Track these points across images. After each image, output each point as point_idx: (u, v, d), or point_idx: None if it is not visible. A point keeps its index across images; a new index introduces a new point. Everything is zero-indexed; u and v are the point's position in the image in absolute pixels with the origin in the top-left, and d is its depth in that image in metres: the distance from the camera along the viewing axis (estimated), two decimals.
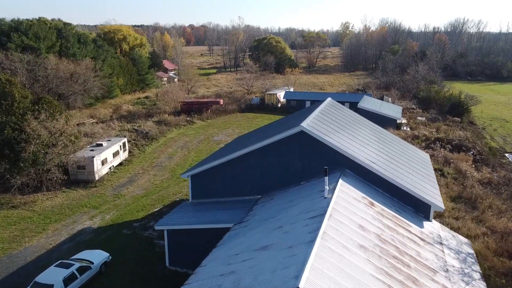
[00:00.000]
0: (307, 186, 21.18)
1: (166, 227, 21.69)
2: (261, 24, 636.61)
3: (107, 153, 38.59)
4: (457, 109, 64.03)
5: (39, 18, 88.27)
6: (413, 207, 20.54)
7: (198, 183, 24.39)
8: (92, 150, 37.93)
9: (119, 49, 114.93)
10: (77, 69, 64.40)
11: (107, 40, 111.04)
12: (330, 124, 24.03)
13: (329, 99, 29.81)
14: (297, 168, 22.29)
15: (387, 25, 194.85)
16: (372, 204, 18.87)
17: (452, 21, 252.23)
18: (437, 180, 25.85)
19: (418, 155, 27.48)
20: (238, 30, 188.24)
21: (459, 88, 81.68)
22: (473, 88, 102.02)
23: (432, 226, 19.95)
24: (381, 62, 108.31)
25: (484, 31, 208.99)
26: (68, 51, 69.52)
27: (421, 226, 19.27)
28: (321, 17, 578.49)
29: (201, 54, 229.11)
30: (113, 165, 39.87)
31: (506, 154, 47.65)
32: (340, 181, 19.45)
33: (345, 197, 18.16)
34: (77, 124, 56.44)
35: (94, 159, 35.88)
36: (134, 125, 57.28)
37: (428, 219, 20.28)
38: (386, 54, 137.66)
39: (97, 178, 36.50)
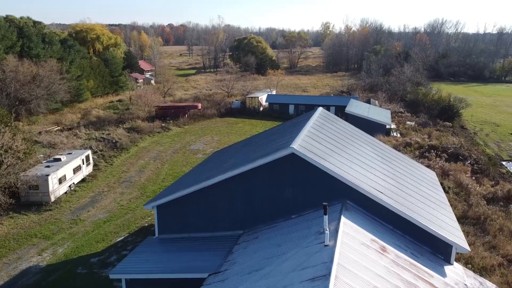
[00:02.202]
0: (300, 222, 17.07)
1: (124, 275, 17.23)
2: (241, 23, 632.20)
3: (66, 169, 33.64)
4: (447, 113, 61.28)
5: (7, 16, 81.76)
6: (430, 247, 16.70)
7: (166, 215, 19.99)
8: (48, 167, 32.91)
9: (92, 49, 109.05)
10: (40, 71, 58.80)
11: (79, 39, 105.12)
12: (325, 142, 19.99)
13: (320, 109, 25.82)
14: (287, 198, 18.18)
15: (368, 25, 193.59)
16: (384, 249, 14.88)
17: (431, 22, 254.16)
18: None
19: (425, 175, 23.75)
20: (218, 29, 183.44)
21: (443, 89, 79.13)
22: (457, 89, 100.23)
23: (456, 272, 16.13)
24: (366, 62, 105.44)
25: (462, 31, 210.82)
26: (31, 52, 63.65)
27: (444, 275, 15.40)
28: (302, 17, 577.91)
29: (180, 54, 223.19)
30: (73, 183, 34.91)
31: (504, 162, 44.81)
32: (343, 219, 15.41)
33: (351, 243, 14.11)
34: (39, 133, 51.24)
35: (49, 177, 30.90)
36: (103, 133, 52.18)
37: (449, 262, 16.46)
38: (369, 55, 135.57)
39: (52, 199, 31.53)
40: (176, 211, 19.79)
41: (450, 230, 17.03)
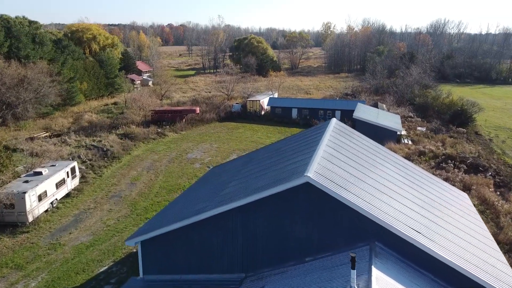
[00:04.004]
0: (317, 270, 13.65)
1: None
2: (241, 23, 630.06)
3: (48, 184, 30.23)
4: (460, 117, 57.79)
5: (1, 15, 78.34)
6: None
7: (152, 253, 16.59)
8: (27, 182, 29.52)
9: (88, 50, 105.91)
10: (29, 73, 55.44)
11: (74, 40, 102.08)
12: (345, 165, 16.58)
13: (334, 120, 22.34)
14: (300, 236, 14.77)
15: (369, 25, 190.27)
16: None
17: (433, 22, 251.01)
18: None
19: (459, 200, 20.32)
20: (218, 29, 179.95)
21: (449, 91, 75.50)
22: (464, 92, 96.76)
23: None
24: (371, 64, 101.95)
25: (465, 32, 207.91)
26: (20, 53, 60.26)
27: None
28: (302, 17, 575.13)
29: (180, 55, 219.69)
30: (56, 199, 31.49)
31: None
32: (374, 271, 11.99)
33: None
34: (25, 139, 47.87)
35: (26, 195, 27.52)
36: (94, 140, 48.76)
37: None
38: (371, 56, 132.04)
39: (30, 219, 28.13)
40: (164, 248, 16.40)
41: (505, 279, 13.60)
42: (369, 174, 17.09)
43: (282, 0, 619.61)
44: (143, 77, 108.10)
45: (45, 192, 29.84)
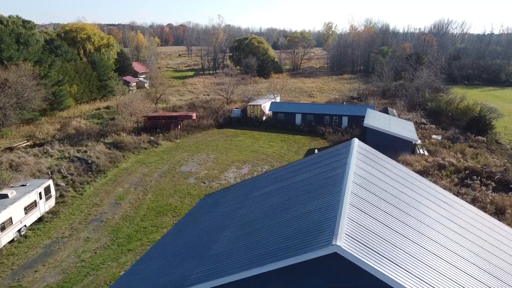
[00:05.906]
0: None
1: None
2: (241, 24, 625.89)
3: (14, 210, 25.85)
4: (478, 125, 53.23)
5: None
6: None
7: None
8: None
9: (82, 50, 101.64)
10: (10, 76, 51.11)
11: (68, 40, 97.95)
12: (379, 213, 12.11)
13: (356, 142, 17.73)
14: None
15: (371, 25, 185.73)
16: None
17: (436, 22, 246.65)
18: None
19: None
20: (218, 29, 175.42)
21: (463, 95, 70.92)
22: (474, 94, 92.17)
23: None
24: (377, 65, 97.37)
25: (468, 32, 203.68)
26: (2, 54, 55.83)
27: None
28: (303, 17, 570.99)
29: (179, 55, 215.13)
30: (25, 226, 27.10)
31: None
32: None
33: None
34: (3, 150, 43.55)
35: None
36: (79, 150, 44.38)
37: None
38: (375, 56, 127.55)
39: None
40: None
41: None
42: (412, 224, 12.61)
43: (283, 0, 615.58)
44: (139, 78, 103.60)
45: (10, 219, 25.45)
